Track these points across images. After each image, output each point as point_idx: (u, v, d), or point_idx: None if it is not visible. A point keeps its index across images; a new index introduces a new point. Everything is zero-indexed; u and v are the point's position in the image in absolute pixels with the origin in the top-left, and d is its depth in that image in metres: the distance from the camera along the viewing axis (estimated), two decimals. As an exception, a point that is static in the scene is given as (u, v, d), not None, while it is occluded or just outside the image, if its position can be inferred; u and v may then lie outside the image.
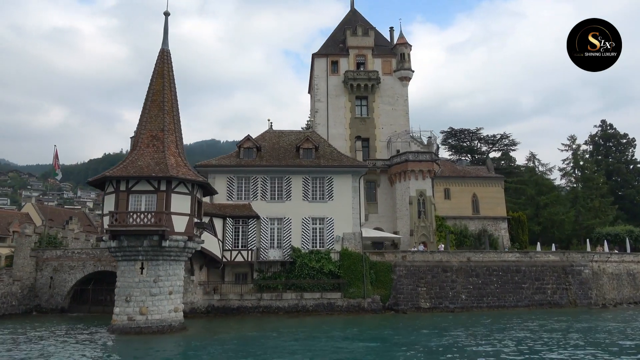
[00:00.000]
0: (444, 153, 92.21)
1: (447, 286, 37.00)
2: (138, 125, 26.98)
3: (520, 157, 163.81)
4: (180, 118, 27.92)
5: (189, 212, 25.60)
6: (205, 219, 33.77)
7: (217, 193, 30.93)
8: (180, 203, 25.39)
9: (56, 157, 38.83)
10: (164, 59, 28.21)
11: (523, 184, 57.87)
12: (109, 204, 25.13)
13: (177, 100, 28.22)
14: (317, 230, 37.33)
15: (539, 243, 46.82)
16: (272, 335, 25.11)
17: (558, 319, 31.37)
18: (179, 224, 25.10)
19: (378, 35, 59.63)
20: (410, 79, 56.86)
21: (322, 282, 35.24)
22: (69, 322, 30.40)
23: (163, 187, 24.88)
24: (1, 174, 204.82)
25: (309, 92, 63.05)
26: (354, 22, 59.70)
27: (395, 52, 56.81)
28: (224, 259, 34.98)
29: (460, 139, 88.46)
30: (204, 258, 34.32)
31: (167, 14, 29.21)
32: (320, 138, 41.78)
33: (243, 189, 37.65)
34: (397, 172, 50.68)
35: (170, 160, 25.68)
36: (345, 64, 56.05)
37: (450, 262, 37.95)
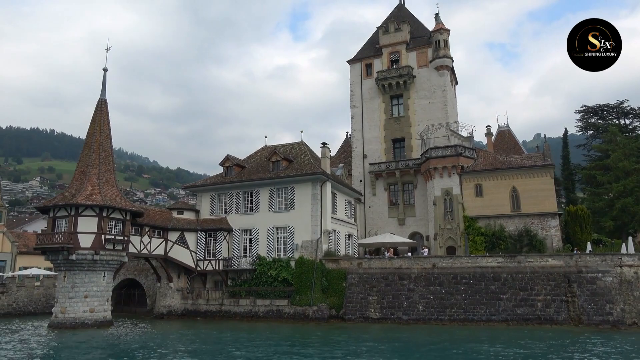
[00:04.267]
0: (579, 138, 78.32)
1: (402, 295, 33.86)
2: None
3: None
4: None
5: (95, 231, 31.31)
6: (176, 234, 39.27)
7: (142, 213, 35.65)
8: (88, 224, 31.33)
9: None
10: (98, 107, 35.03)
11: (599, 169, 45.66)
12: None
13: (108, 140, 34.58)
14: (281, 239, 38.77)
15: (589, 243, 37.41)
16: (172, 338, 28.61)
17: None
18: (86, 240, 31.03)
19: (419, 27, 56.21)
20: (449, 67, 51.96)
21: (275, 290, 36.61)
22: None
23: (73, 212, 31.25)
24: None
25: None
26: (399, 18, 57.53)
27: (432, 41, 52.68)
28: (198, 268, 39.58)
29: (603, 117, 73.61)
30: (179, 267, 39.56)
31: (105, 70, 36.04)
32: (302, 149, 42.64)
33: (223, 204, 41.68)
34: (424, 171, 47.30)
35: (87, 190, 31.96)
36: (379, 65, 54.60)
37: (411, 269, 34.54)
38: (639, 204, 39.84)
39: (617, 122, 71.45)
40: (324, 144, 40.44)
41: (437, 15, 55.13)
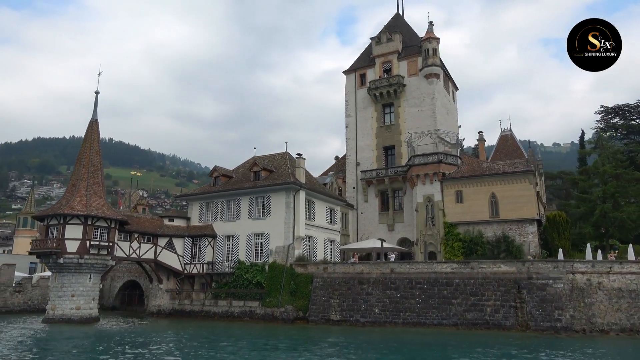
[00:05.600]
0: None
1: (361, 299, 35.48)
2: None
3: None
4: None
5: (80, 237, 35.25)
6: (165, 240, 42.86)
7: (127, 222, 39.11)
8: (75, 231, 35.31)
9: (120, 199, 54.29)
10: (90, 127, 39.17)
11: (586, 174, 44.51)
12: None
13: (97, 155, 38.63)
14: (259, 245, 41.38)
15: (560, 250, 37.28)
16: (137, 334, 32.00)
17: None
18: (72, 246, 35.00)
19: (412, 36, 57.26)
20: (438, 75, 52.64)
21: (249, 292, 39.25)
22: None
23: (62, 220, 35.37)
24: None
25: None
26: (394, 28, 58.91)
27: (422, 50, 53.63)
28: (185, 271, 42.92)
29: (627, 118, 71.34)
30: (168, 270, 43.04)
31: (97, 93, 40.21)
32: (284, 160, 44.95)
33: (210, 212, 44.87)
34: (408, 177, 48.45)
35: (75, 201, 36.03)
36: (372, 75, 56.14)
37: (370, 274, 36.10)
38: (619, 209, 39.11)
39: (640, 122, 69.05)
40: (299, 154, 42.69)
41: (431, 23, 55.75)
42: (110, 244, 37.00)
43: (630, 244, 32.98)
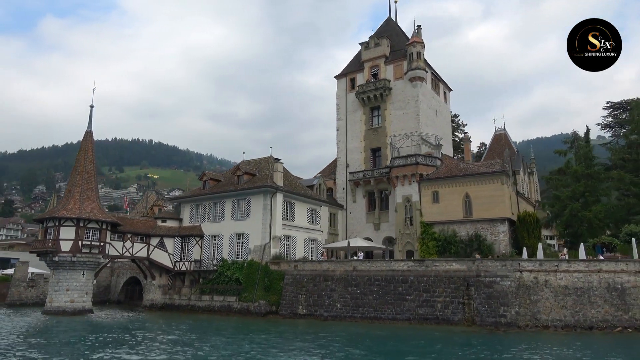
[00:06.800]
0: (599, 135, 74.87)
1: (325, 294, 37.79)
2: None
3: None
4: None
5: (73, 238, 39.25)
6: (157, 239, 46.54)
7: (119, 223, 42.84)
8: (68, 232, 39.35)
9: (126, 202, 58.65)
10: (85, 137, 43.25)
11: (562, 174, 44.60)
12: (45, 235, 41.48)
13: (91, 163, 42.61)
14: (240, 244, 44.37)
15: (525, 249, 38.26)
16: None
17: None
18: (66, 245, 39.04)
19: (400, 40, 58.69)
20: (423, 78, 53.94)
21: (229, 288, 42.27)
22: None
23: (57, 223, 39.50)
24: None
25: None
26: (384, 32, 60.58)
27: (407, 54, 55.09)
28: (175, 268, 46.46)
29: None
30: (160, 267, 46.69)
31: (92, 106, 44.22)
32: (268, 164, 47.73)
33: (200, 213, 48.23)
34: (390, 179, 50.21)
35: (69, 205, 40.10)
36: (361, 79, 58.02)
37: (335, 271, 38.32)
38: (587, 209, 39.60)
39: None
40: (277, 159, 45.32)
41: (419, 27, 57.07)
42: (102, 244, 40.86)
43: (582, 243, 33.76)
